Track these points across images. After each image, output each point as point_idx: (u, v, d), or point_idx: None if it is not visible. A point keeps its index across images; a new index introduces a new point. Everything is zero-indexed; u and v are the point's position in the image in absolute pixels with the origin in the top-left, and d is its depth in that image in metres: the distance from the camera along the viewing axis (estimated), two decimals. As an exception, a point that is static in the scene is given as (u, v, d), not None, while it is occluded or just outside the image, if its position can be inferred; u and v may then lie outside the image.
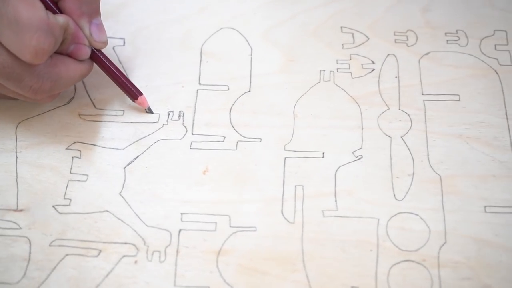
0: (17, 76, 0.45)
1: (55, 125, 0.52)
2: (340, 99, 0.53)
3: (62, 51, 0.48)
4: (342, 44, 0.56)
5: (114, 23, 0.57)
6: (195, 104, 0.53)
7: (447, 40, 0.56)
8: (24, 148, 0.51)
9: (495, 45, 0.55)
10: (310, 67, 0.55)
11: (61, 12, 0.47)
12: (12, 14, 0.42)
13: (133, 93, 0.52)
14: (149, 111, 0.53)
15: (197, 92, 0.54)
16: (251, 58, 0.55)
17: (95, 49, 0.50)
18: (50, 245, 0.47)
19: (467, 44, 0.56)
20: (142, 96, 0.52)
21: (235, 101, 0.53)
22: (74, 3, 0.47)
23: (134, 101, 0.52)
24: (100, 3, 0.52)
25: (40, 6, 0.43)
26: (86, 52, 0.49)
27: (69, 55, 0.48)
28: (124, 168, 0.50)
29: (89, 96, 0.53)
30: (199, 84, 0.54)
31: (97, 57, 0.50)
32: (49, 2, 0.46)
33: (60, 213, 0.48)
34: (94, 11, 0.48)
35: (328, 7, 0.58)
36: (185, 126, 0.52)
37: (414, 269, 0.46)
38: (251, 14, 0.57)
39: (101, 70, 0.51)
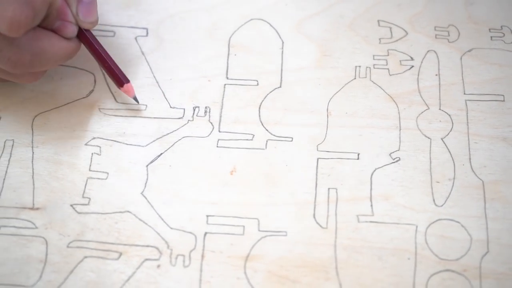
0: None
1: (74, 119, 0.52)
2: (377, 97, 0.53)
3: (47, 26, 0.48)
4: (379, 39, 0.56)
5: (136, 12, 0.57)
6: (222, 99, 0.53)
7: (492, 37, 0.56)
8: (40, 143, 0.51)
9: (543, 43, 0.55)
10: (345, 62, 0.55)
11: None
12: None
13: (120, 79, 0.51)
14: (136, 101, 0.52)
15: (224, 87, 0.54)
16: (282, 51, 0.55)
17: (83, 28, 0.50)
18: (67, 246, 0.47)
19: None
20: (128, 83, 0.51)
21: (265, 97, 0.53)
22: None
23: (119, 88, 0.52)
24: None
25: None
26: (72, 30, 0.49)
27: (55, 32, 0.48)
28: (147, 166, 0.50)
29: (109, 89, 0.53)
30: (227, 78, 0.54)
31: (85, 37, 0.50)
32: None
33: (79, 213, 0.48)
34: None
35: (365, 2, 0.57)
36: (211, 123, 0.52)
37: (454, 280, 0.46)
38: (283, 5, 0.57)
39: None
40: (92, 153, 0.51)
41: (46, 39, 0.47)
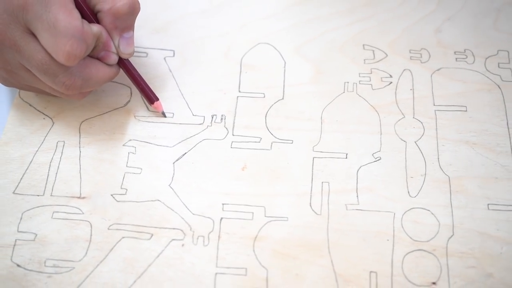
0: (52, 72, 0.46)
1: (113, 124, 0.52)
2: (362, 107, 0.53)
3: (94, 55, 0.48)
4: (364, 60, 0.56)
5: (165, 37, 0.57)
6: (235, 109, 0.53)
7: (456, 58, 0.55)
8: (86, 143, 0.51)
9: (498, 63, 0.55)
10: (335, 79, 0.55)
11: (98, 22, 0.47)
12: (52, 20, 0.43)
13: (151, 98, 0.52)
14: (164, 115, 0.52)
15: (237, 99, 0.54)
16: (285, 70, 0.55)
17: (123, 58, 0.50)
18: (108, 229, 0.47)
19: (473, 62, 0.55)
20: (158, 101, 0.52)
21: (270, 107, 0.53)
22: (110, 17, 0.47)
23: (151, 105, 0.52)
24: (153, 19, 0.52)
25: (77, 15, 0.44)
26: (113, 59, 0.49)
27: (100, 59, 0.49)
28: (173, 163, 0.50)
29: (143, 100, 0.53)
30: (239, 91, 0.54)
31: (123, 63, 0.51)
32: (88, 12, 0.47)
33: (118, 201, 0.48)
34: (126, 26, 0.48)
35: (352, 27, 0.57)
36: (226, 128, 0.52)
37: (425, 258, 0.46)
38: (285, 32, 0.57)
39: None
40: (128, 152, 0.51)
41: (93, 66, 0.48)
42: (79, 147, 0.51)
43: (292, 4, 0.59)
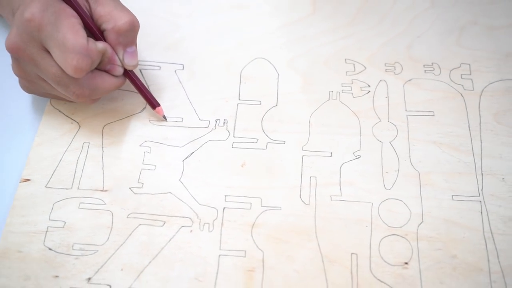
0: (64, 84, 0.46)
1: (131, 127, 0.52)
2: (344, 113, 0.53)
3: (101, 68, 0.48)
4: (346, 72, 0.55)
5: (175, 53, 0.57)
6: (236, 114, 0.53)
7: (425, 70, 0.55)
8: (108, 144, 0.51)
9: (461, 75, 0.55)
10: (321, 88, 0.54)
11: (104, 39, 0.48)
12: (61, 39, 0.44)
13: (153, 104, 0.51)
14: (164, 118, 0.52)
15: (237, 106, 0.53)
16: (278, 81, 0.55)
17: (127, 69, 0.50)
18: (127, 217, 0.47)
19: (440, 74, 0.55)
20: (159, 107, 0.52)
21: (266, 113, 0.53)
22: (113, 34, 0.47)
23: (153, 110, 0.52)
24: (165, 38, 0.52)
25: (83, 34, 0.44)
26: (119, 71, 0.49)
27: (107, 72, 0.49)
28: (183, 161, 0.50)
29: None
30: (239, 99, 0.54)
31: (128, 74, 0.50)
32: (95, 30, 0.47)
33: (135, 193, 0.48)
34: (129, 42, 0.48)
35: (335, 44, 0.57)
36: (228, 131, 0.52)
37: (398, 241, 0.46)
38: (278, 48, 0.57)
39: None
40: (144, 152, 0.51)
41: (100, 77, 0.48)
42: (102, 147, 0.51)
43: (284, 25, 0.59)
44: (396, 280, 0.44)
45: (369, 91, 0.54)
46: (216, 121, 0.52)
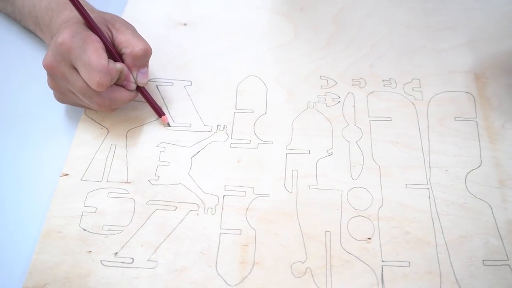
0: (89, 95, 0.46)
1: (150, 132, 0.52)
2: (320, 118, 0.53)
3: (118, 83, 0.49)
4: (321, 86, 0.56)
5: (184, 71, 0.57)
6: (233, 120, 0.53)
7: (384, 84, 0.56)
8: (131, 145, 0.51)
9: (413, 88, 0.55)
10: (301, 99, 0.55)
11: (122, 61, 0.48)
12: (87, 60, 0.44)
13: (159, 113, 0.52)
14: (168, 125, 0.52)
15: (234, 114, 0.54)
16: (267, 94, 0.55)
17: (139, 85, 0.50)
18: (146, 204, 0.47)
19: (396, 87, 0.55)
20: (164, 115, 0.52)
21: (257, 119, 0.53)
22: (130, 58, 0.48)
23: (159, 118, 0.52)
24: (177, 60, 0.52)
25: (105, 56, 0.45)
26: (132, 86, 0.49)
27: (123, 86, 0.49)
28: (191, 158, 0.50)
29: (169, 115, 0.53)
30: (236, 109, 0.54)
31: (140, 90, 0.51)
32: (115, 54, 0.48)
33: (153, 185, 0.49)
34: (142, 64, 0.49)
35: (313, 63, 0.58)
36: (227, 134, 0.52)
37: (363, 221, 0.47)
38: (267, 67, 0.57)
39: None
40: (160, 151, 0.51)
41: (117, 91, 0.48)
42: (126, 148, 0.51)
43: (272, 48, 0.59)
44: (361, 252, 0.45)
45: (339, 101, 0.54)
46: (217, 126, 0.53)
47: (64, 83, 0.47)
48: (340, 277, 0.43)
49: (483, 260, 0.44)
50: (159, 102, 0.53)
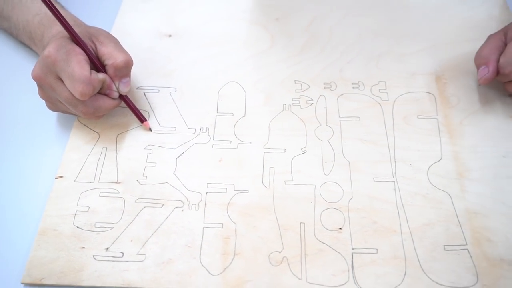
0: (74, 104, 0.46)
1: (138, 135, 0.52)
2: (294, 119, 0.53)
3: (102, 92, 0.48)
4: (295, 90, 0.55)
5: (170, 79, 0.56)
6: (215, 123, 0.53)
7: (353, 87, 0.55)
8: (120, 148, 0.51)
9: (379, 90, 0.55)
10: (278, 102, 0.54)
11: (105, 72, 0.48)
12: (70, 71, 0.44)
13: (141, 119, 0.51)
14: (150, 130, 0.52)
15: (216, 117, 0.53)
16: (246, 97, 0.55)
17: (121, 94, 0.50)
18: (135, 202, 0.47)
19: (364, 89, 0.55)
20: (146, 121, 0.51)
21: (237, 122, 0.53)
22: (112, 69, 0.47)
23: (141, 123, 0.51)
24: (162, 68, 0.52)
25: (87, 68, 0.45)
26: (115, 95, 0.49)
27: (106, 95, 0.49)
28: (176, 159, 0.50)
29: (156, 119, 0.53)
30: (217, 112, 0.53)
31: (123, 98, 0.50)
32: (98, 65, 0.47)
33: (141, 184, 0.48)
34: (123, 75, 0.49)
35: (288, 69, 0.57)
36: (209, 136, 0.52)
37: (335, 213, 0.46)
38: (246, 74, 0.57)
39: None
40: (147, 153, 0.50)
41: (101, 99, 0.48)
42: (116, 151, 0.50)
43: (250, 56, 0.59)
44: (333, 241, 0.44)
45: (312, 103, 0.54)
46: (200, 129, 0.52)
47: (52, 93, 0.47)
48: (314, 265, 0.43)
49: (444, 246, 0.44)
50: (146, 107, 0.53)
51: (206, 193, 0.47)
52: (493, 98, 0.54)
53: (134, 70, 0.55)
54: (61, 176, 0.48)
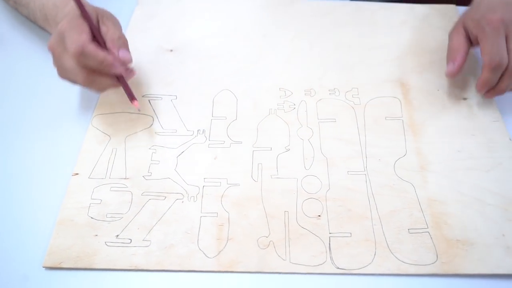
0: (75, 73, 0.46)
1: (144, 137, 0.52)
2: (279, 122, 0.53)
3: (102, 72, 0.47)
4: (280, 96, 0.55)
5: (171, 88, 0.56)
6: (211, 126, 0.53)
7: (330, 93, 0.56)
8: (129, 148, 0.51)
9: (352, 95, 0.55)
10: (264, 107, 0.54)
11: (106, 49, 0.47)
12: (71, 35, 0.45)
13: (131, 98, 0.49)
14: (139, 111, 0.51)
15: (211, 121, 0.53)
16: (237, 103, 0.55)
17: (117, 75, 0.48)
18: (141, 195, 0.47)
19: (339, 95, 0.55)
20: (135, 101, 0.49)
21: (229, 124, 0.53)
22: (110, 42, 0.47)
23: (131, 102, 0.50)
24: (165, 78, 0.52)
25: (85, 36, 0.45)
26: (116, 69, 0.47)
27: (105, 73, 0.47)
28: (177, 157, 0.50)
29: (159, 123, 0.53)
30: (212, 116, 0.54)
31: (118, 78, 0.49)
32: (100, 39, 0.47)
33: (146, 179, 0.48)
34: (122, 45, 0.48)
35: (274, 78, 0.57)
36: (206, 137, 0.52)
37: (314, 203, 0.46)
38: (237, 82, 0.57)
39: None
40: (152, 152, 0.50)
41: (99, 74, 0.47)
42: (125, 151, 0.50)
43: (241, 68, 0.59)
44: (313, 227, 0.45)
45: (295, 108, 0.54)
46: (197, 131, 0.52)
47: (61, 61, 0.47)
48: (296, 247, 0.43)
49: (408, 229, 0.44)
50: (150, 113, 0.53)
51: (203, 186, 0.47)
52: (450, 101, 0.54)
53: (140, 80, 0.55)
54: (77, 173, 0.48)
